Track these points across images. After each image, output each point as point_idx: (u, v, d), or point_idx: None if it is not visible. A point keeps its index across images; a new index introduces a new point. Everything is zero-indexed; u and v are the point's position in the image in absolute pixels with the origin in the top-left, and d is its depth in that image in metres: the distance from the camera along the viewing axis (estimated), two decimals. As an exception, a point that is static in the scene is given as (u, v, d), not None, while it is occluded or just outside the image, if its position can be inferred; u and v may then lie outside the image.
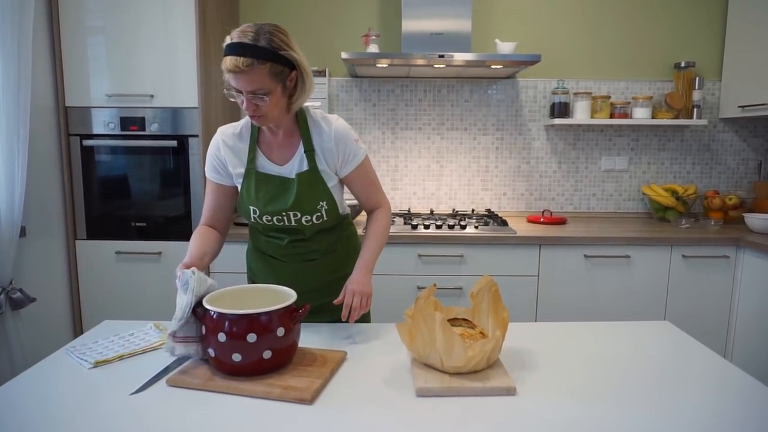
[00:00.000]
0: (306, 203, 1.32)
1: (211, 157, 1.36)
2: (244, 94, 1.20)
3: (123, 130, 2.29)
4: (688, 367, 1.14)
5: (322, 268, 1.44)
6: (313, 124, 1.34)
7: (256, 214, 1.34)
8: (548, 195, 2.90)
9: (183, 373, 1.08)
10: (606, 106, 2.70)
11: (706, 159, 2.88)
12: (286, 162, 1.33)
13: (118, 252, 2.34)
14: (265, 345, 1.04)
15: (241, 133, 1.35)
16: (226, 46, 1.19)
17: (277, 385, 1.02)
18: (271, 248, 1.43)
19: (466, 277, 2.32)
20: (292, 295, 1.14)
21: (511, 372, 1.10)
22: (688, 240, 2.32)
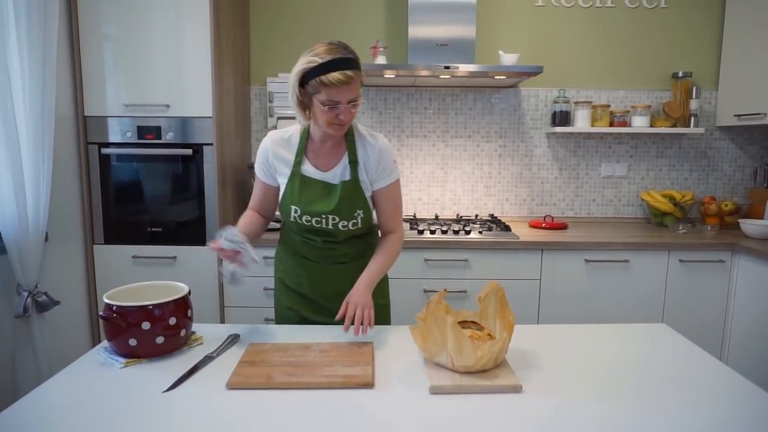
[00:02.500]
0: (345, 210, 1.43)
1: (261, 159, 1.48)
2: (342, 104, 1.31)
3: (140, 138, 2.37)
4: (684, 368, 1.22)
5: (351, 272, 1.51)
6: (359, 137, 1.46)
7: (297, 213, 1.45)
8: (550, 200, 2.98)
9: (238, 376, 1.14)
10: (606, 115, 2.78)
11: (703, 166, 2.96)
12: (329, 169, 1.44)
13: (135, 256, 2.42)
14: (158, 332, 1.24)
15: (290, 139, 1.46)
16: (330, 63, 1.27)
17: (335, 375, 1.14)
18: (305, 249, 1.53)
19: (470, 281, 2.40)
20: (184, 289, 1.33)
21: (517, 371, 1.18)
22: (685, 245, 2.40)
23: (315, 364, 1.21)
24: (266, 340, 1.36)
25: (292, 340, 1.35)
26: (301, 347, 1.31)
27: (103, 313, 1.23)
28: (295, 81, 1.32)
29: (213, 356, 1.28)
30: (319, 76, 1.27)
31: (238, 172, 2.70)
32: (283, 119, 2.80)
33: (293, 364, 1.22)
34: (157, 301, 1.25)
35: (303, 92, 1.33)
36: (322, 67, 1.27)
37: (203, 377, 1.16)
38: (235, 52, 2.62)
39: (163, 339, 1.25)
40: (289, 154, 1.45)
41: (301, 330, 1.47)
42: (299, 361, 1.23)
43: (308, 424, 0.97)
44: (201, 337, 1.39)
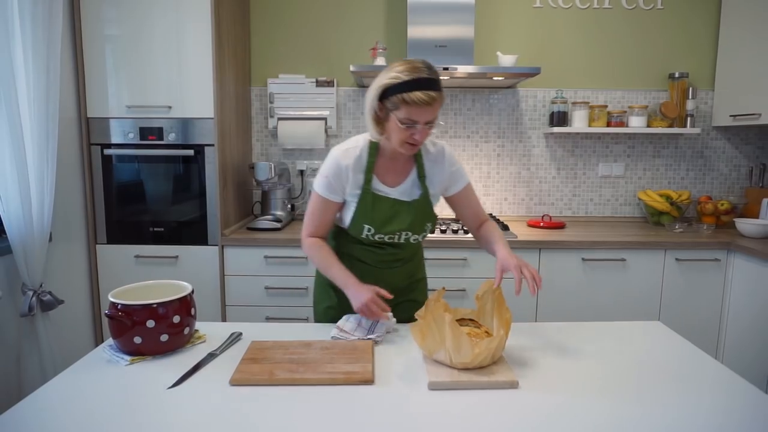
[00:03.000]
0: (418, 225, 1.47)
1: (331, 177, 1.42)
2: (420, 124, 1.30)
3: (142, 139, 2.40)
4: (678, 365, 1.24)
5: (401, 274, 1.58)
6: (425, 151, 1.47)
7: (370, 232, 1.46)
8: (548, 200, 3.01)
9: (241, 373, 1.17)
10: (603, 115, 2.81)
11: (699, 166, 2.99)
12: (398, 184, 1.46)
13: (137, 256, 2.45)
14: (163, 330, 1.26)
15: (360, 156, 1.43)
16: (414, 81, 1.26)
17: (336, 372, 1.17)
18: (361, 253, 1.54)
19: (469, 279, 2.43)
20: (187, 288, 1.36)
21: (513, 368, 1.21)
22: (681, 244, 2.43)
23: (316, 361, 1.24)
24: (268, 338, 1.38)
25: (293, 338, 1.38)
26: (302, 345, 1.33)
27: (109, 311, 1.26)
28: (374, 94, 1.32)
29: (216, 353, 1.30)
30: (402, 93, 1.26)
31: (239, 173, 2.73)
32: (284, 120, 2.83)
33: (295, 361, 1.24)
34: (162, 299, 1.27)
35: (381, 107, 1.33)
36: (406, 84, 1.26)
37: (207, 374, 1.19)
38: (236, 54, 2.65)
39: (167, 337, 1.28)
40: (359, 171, 1.43)
41: (303, 328, 1.49)
42: (301, 358, 1.25)
43: (310, 419, 1.00)
44: (204, 335, 1.42)
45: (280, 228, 2.57)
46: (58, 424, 0.97)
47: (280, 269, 2.43)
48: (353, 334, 1.42)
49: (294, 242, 2.41)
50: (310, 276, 2.44)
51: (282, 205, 2.76)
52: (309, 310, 2.45)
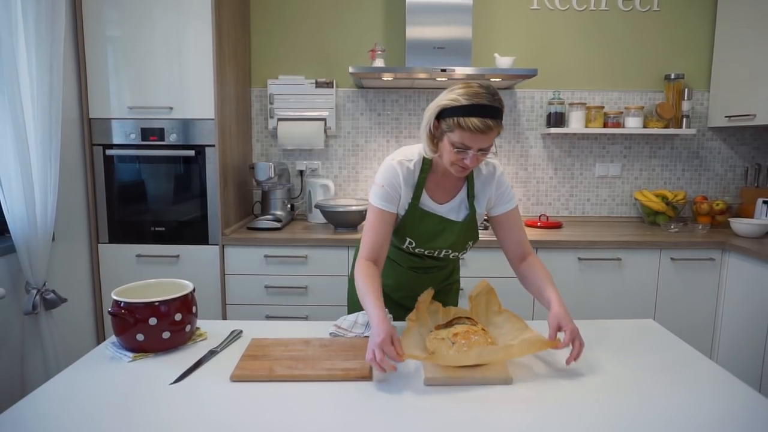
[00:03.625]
0: (460, 244, 1.47)
1: (387, 186, 1.39)
2: (472, 150, 1.25)
3: (143, 140, 2.43)
4: (670, 362, 1.27)
5: (436, 279, 1.60)
6: (477, 170, 1.44)
7: (412, 245, 1.47)
8: (545, 200, 3.03)
9: (242, 369, 1.19)
10: (599, 116, 2.83)
11: (695, 166, 3.01)
12: (446, 201, 1.44)
13: (139, 255, 2.47)
14: (165, 327, 1.29)
15: (414, 169, 1.40)
16: (473, 107, 1.22)
17: (335, 368, 1.19)
18: (401, 258, 1.56)
19: (466, 278, 2.44)
20: (189, 287, 1.38)
21: (508, 364, 1.23)
22: (677, 243, 2.46)
23: (315, 357, 1.26)
24: (267, 336, 1.41)
25: (292, 336, 1.40)
26: (301, 342, 1.36)
27: (112, 309, 1.29)
28: (432, 113, 1.29)
29: (217, 351, 1.33)
30: (458, 117, 1.23)
31: (240, 173, 2.76)
32: (284, 120, 2.86)
33: (294, 357, 1.27)
34: (164, 297, 1.30)
35: (436, 126, 1.30)
36: (464, 109, 1.22)
37: (208, 370, 1.21)
38: (236, 55, 2.68)
39: (169, 334, 1.31)
40: (409, 185, 1.41)
41: (302, 326, 1.52)
42: (300, 355, 1.28)
43: (309, 415, 1.02)
44: (205, 333, 1.44)
45: (280, 228, 2.60)
46: (60, 420, 0.99)
47: (280, 268, 2.46)
48: (351, 332, 1.44)
49: (294, 242, 2.44)
50: (310, 275, 2.47)
51: (282, 205, 2.79)
52: (308, 308, 2.48)
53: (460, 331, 1.25)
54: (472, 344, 1.22)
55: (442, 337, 1.26)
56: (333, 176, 3.00)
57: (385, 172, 1.41)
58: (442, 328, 1.33)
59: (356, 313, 1.51)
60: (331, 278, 2.46)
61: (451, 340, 1.23)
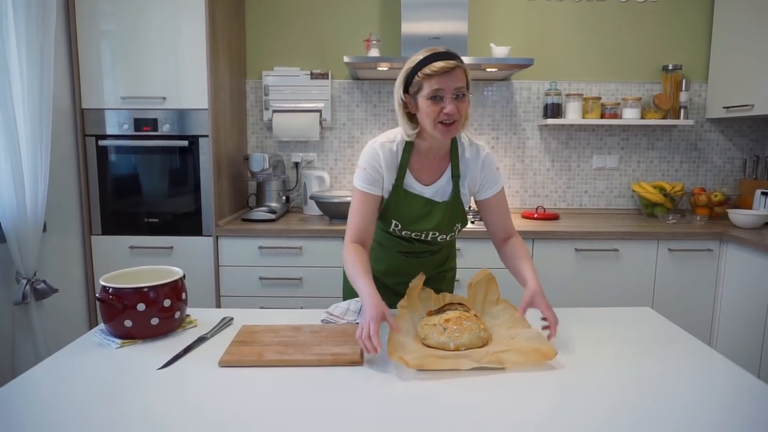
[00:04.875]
0: (446, 226, 1.44)
1: (370, 168, 1.39)
2: (447, 95, 1.26)
3: (137, 130, 2.41)
4: (668, 348, 1.25)
5: (429, 264, 1.56)
6: (462, 149, 1.43)
7: (398, 228, 1.45)
8: (542, 192, 3.01)
9: (231, 354, 1.18)
10: (597, 107, 2.81)
11: (693, 158, 2.99)
12: (431, 183, 1.43)
13: (132, 247, 2.45)
14: (153, 313, 1.27)
15: (396, 150, 1.40)
16: (430, 56, 1.27)
17: (325, 353, 1.17)
18: (391, 242, 1.53)
19: (462, 269, 2.42)
20: (178, 273, 1.35)
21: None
22: (674, 234, 2.44)
23: (306, 343, 1.25)
24: (259, 323, 1.39)
25: (284, 324, 1.39)
26: (292, 328, 1.34)
27: (100, 295, 1.27)
28: (399, 86, 1.31)
29: (206, 337, 1.31)
30: (421, 70, 1.26)
31: (234, 164, 2.74)
32: (279, 112, 2.84)
33: (284, 343, 1.25)
34: (152, 283, 1.28)
35: (408, 98, 1.31)
36: (423, 61, 1.26)
37: (197, 356, 1.19)
38: (231, 46, 2.66)
39: (157, 320, 1.29)
40: (394, 165, 1.40)
41: (294, 314, 1.50)
42: (290, 341, 1.26)
43: (298, 399, 1.00)
44: (195, 320, 1.42)
45: (275, 219, 2.58)
46: (48, 403, 0.98)
47: (275, 260, 2.44)
48: (343, 318, 1.43)
49: (288, 233, 2.42)
50: (304, 266, 2.45)
51: (277, 197, 2.77)
52: (303, 300, 2.46)
53: (452, 317, 1.23)
54: (464, 330, 1.20)
55: (433, 323, 1.24)
56: (328, 168, 2.99)
57: (367, 154, 1.40)
58: (434, 314, 1.31)
59: (348, 300, 1.49)
60: (326, 269, 2.44)
61: (443, 326, 1.21)
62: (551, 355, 1.14)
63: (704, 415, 0.94)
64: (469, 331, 1.21)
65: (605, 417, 0.93)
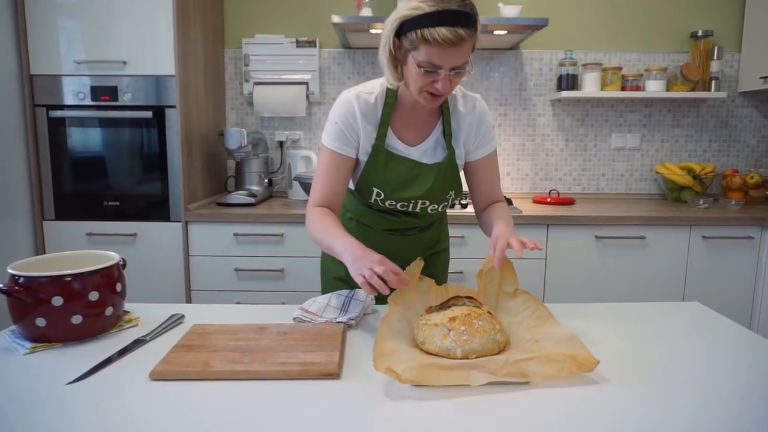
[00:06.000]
0: (438, 193, 1.22)
1: (344, 123, 1.16)
2: (443, 70, 1.03)
3: (94, 100, 2.10)
4: (736, 353, 0.98)
5: (419, 244, 1.34)
6: (454, 103, 1.21)
7: (380, 197, 1.22)
8: (555, 175, 2.72)
9: (166, 364, 0.90)
10: (617, 79, 2.51)
11: (723, 136, 2.69)
12: (418, 143, 1.21)
13: (90, 234, 2.16)
14: (75, 309, 0.99)
15: (376, 102, 1.18)
16: (439, 14, 0.99)
17: (291, 362, 0.91)
18: (372, 219, 1.30)
19: (467, 260, 2.14)
20: (113, 258, 1.10)
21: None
22: (709, 220, 2.15)
23: (269, 348, 0.97)
24: (220, 322, 1.11)
25: (251, 322, 1.10)
26: (256, 329, 1.07)
27: (5, 285, 0.98)
28: (390, 29, 1.06)
29: (145, 340, 1.04)
30: (422, 28, 1.00)
31: (209, 142, 2.43)
32: (260, 84, 2.54)
33: (241, 348, 0.98)
34: (73, 270, 1.00)
35: (398, 45, 1.07)
36: (429, 17, 0.99)
37: (125, 365, 0.92)
38: (205, 8, 2.35)
39: (81, 318, 1.01)
40: (373, 120, 1.18)
41: (264, 310, 1.23)
42: (250, 345, 0.99)
43: (249, 424, 0.73)
44: (137, 318, 1.16)
45: (255, 203, 2.28)
46: None
47: (253, 249, 2.15)
48: (321, 316, 1.14)
49: (268, 218, 2.12)
50: (286, 256, 2.15)
51: (258, 180, 2.47)
52: (285, 294, 2.17)
53: (458, 314, 0.95)
54: (475, 332, 0.92)
55: (434, 323, 0.95)
56: (316, 147, 2.68)
57: (340, 106, 1.18)
58: (435, 310, 1.02)
59: (329, 294, 1.20)
60: (311, 260, 2.14)
61: (447, 327, 0.93)
62: (591, 365, 0.85)
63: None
64: (481, 333, 0.92)
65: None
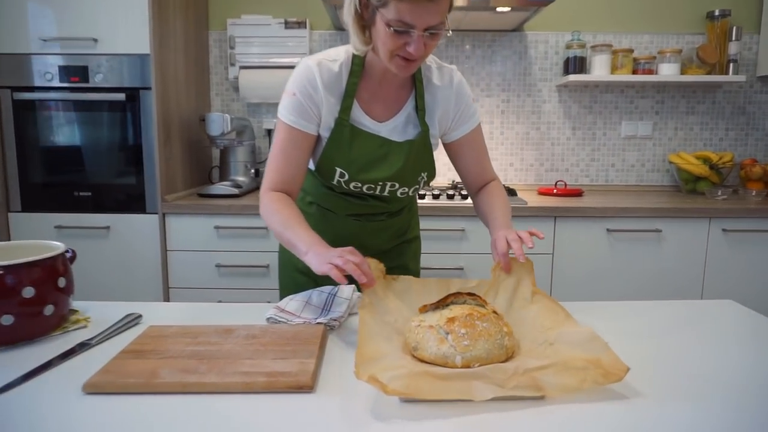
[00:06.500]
0: (409, 175, 1.10)
1: (303, 94, 1.02)
2: (416, 30, 0.92)
3: (62, 81, 1.94)
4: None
5: (388, 231, 1.20)
6: (428, 75, 1.09)
7: (343, 179, 1.08)
8: (561, 165, 2.55)
9: (105, 374, 0.75)
10: (628, 62, 2.34)
11: (741, 124, 2.53)
12: (388, 118, 1.08)
13: (59, 227, 2.00)
14: (5, 308, 0.84)
15: (340, 71, 1.04)
16: None
17: (255, 372, 0.75)
18: (334, 202, 1.17)
19: (467, 255, 1.98)
20: (57, 248, 0.95)
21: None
22: (729, 212, 1.98)
23: (231, 355, 0.82)
24: (186, 323, 0.95)
25: (220, 323, 0.94)
26: (221, 331, 0.92)
27: None
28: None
29: (90, 344, 0.89)
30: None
31: (190, 129, 2.26)
32: (247, 68, 2.37)
33: (199, 355, 0.82)
34: (6, 262, 0.85)
35: (364, 2, 0.95)
36: None
37: (60, 375, 0.78)
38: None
39: (12, 319, 0.86)
40: (337, 91, 1.04)
41: (238, 310, 1.06)
42: (210, 351, 0.83)
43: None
44: (87, 318, 1.01)
45: (239, 195, 2.11)
46: None
47: (235, 243, 1.98)
48: (299, 316, 0.98)
49: (252, 209, 1.96)
50: (271, 251, 1.99)
51: (244, 170, 2.30)
52: (270, 293, 2.00)
53: (458, 315, 0.79)
54: (478, 336, 0.76)
55: (429, 325, 0.79)
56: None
57: (299, 75, 1.04)
58: (431, 310, 0.86)
59: (309, 291, 1.04)
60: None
61: (445, 330, 0.77)
62: (620, 373, 0.69)
63: None
64: (485, 336, 0.76)
65: None
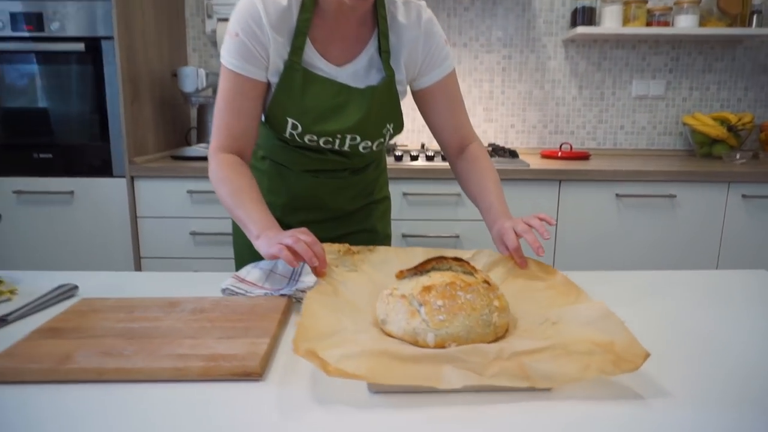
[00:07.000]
0: (372, 125, 0.96)
1: (247, 34, 0.87)
2: None
3: (15, 30, 1.75)
4: None
5: (351, 190, 1.06)
6: (392, 12, 0.94)
7: (296, 131, 0.94)
8: (566, 128, 2.37)
9: (8, 357, 0.61)
10: (642, 13, 2.14)
11: (762, 83, 2.34)
12: (346, 62, 0.94)
13: (19, 191, 1.83)
14: None
15: (289, 6, 0.89)
16: None
17: (193, 355, 0.61)
18: (288, 156, 1.02)
19: (463, 222, 1.83)
20: None
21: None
22: (749, 175, 1.82)
23: (169, 334, 0.68)
24: (126, 295, 0.81)
25: (172, 295, 0.81)
26: (163, 304, 0.78)
27: None
28: None
29: (6, 320, 0.75)
30: None
31: (162, 86, 2.08)
32: (225, 21, 2.16)
33: (129, 333, 0.68)
34: None
35: None
36: None
37: None
38: None
39: None
40: (285, 30, 0.89)
41: (201, 278, 0.93)
42: (145, 329, 0.69)
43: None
44: (15, 289, 0.88)
45: (216, 157, 1.94)
46: None
47: (211, 209, 1.83)
48: (261, 287, 0.83)
49: (228, 172, 1.80)
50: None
51: (223, 132, 2.12)
52: (250, 263, 1.86)
53: (437, 283, 0.64)
54: (458, 309, 0.61)
55: (401, 294, 0.64)
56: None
57: (243, 12, 0.88)
58: (408, 276, 0.72)
59: (272, 261, 0.89)
60: (281, 222, 1.82)
61: (418, 300, 0.63)
62: (636, 360, 0.54)
63: None
64: (467, 311, 0.62)
65: None
